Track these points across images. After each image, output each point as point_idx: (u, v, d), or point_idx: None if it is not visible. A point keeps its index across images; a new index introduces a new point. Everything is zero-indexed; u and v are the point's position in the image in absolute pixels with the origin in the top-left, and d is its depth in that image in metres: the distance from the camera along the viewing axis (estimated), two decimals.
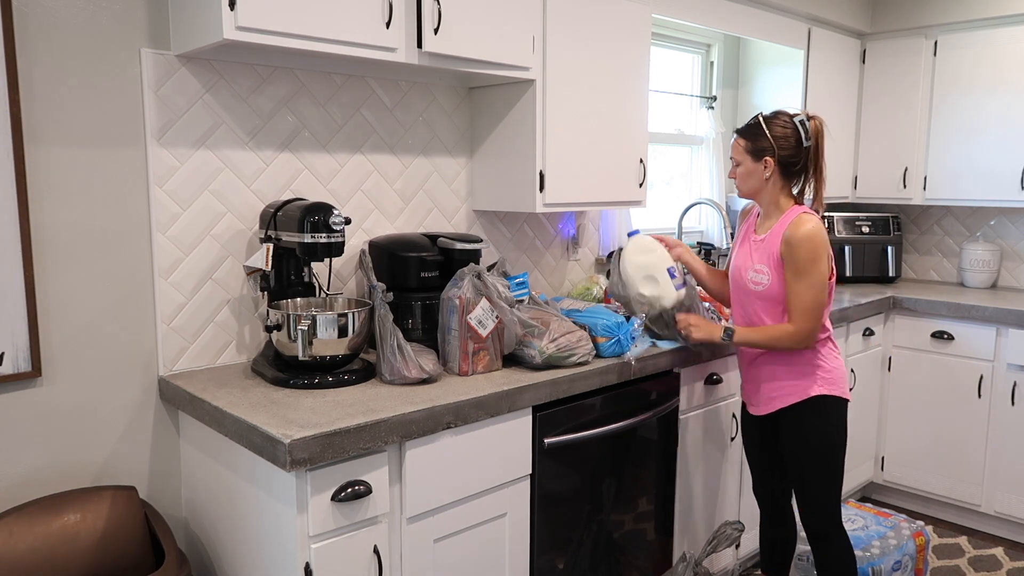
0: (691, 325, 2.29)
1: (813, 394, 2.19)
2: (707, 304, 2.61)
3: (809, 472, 2.23)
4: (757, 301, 2.22)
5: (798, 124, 2.15)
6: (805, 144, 2.15)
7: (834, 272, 2.19)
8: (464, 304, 2.02)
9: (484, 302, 2.04)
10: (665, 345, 2.41)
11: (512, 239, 2.86)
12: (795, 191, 2.22)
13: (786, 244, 2.12)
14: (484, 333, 2.04)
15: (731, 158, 2.26)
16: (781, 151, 2.15)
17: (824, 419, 2.20)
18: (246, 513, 1.79)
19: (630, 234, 2.47)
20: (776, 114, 2.19)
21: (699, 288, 2.52)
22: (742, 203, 3.75)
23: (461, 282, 2.04)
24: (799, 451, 2.23)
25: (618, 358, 2.25)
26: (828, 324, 2.24)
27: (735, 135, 2.25)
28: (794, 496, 2.33)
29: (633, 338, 2.29)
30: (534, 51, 2.37)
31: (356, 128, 2.37)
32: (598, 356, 2.25)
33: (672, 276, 2.32)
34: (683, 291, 2.35)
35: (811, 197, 2.22)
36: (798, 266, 2.10)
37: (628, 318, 2.33)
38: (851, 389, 3.43)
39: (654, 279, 2.29)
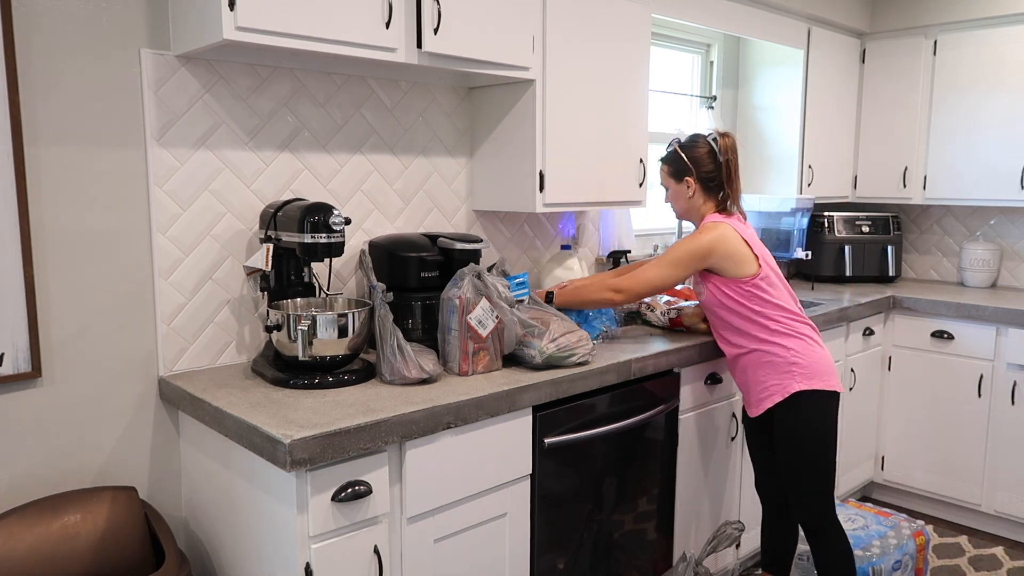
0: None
1: (794, 391, 2.23)
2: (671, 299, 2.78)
3: (798, 468, 2.27)
4: (708, 312, 2.37)
5: (710, 142, 2.33)
6: (719, 159, 2.31)
7: (762, 268, 2.26)
8: (464, 304, 2.02)
9: (484, 302, 2.04)
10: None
11: (512, 239, 2.86)
12: (722, 205, 2.36)
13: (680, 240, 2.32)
14: (484, 333, 2.04)
15: (662, 185, 2.45)
16: (699, 169, 2.33)
17: (807, 414, 2.23)
18: (246, 513, 1.79)
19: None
20: (691, 138, 2.37)
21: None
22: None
23: (461, 282, 2.04)
24: (787, 448, 2.27)
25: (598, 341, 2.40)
26: (797, 324, 2.28)
27: (660, 163, 2.43)
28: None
29: (594, 328, 2.42)
30: (534, 51, 2.37)
31: (356, 128, 2.37)
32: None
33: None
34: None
35: (722, 208, 2.36)
36: (669, 250, 2.30)
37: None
38: (851, 388, 3.43)
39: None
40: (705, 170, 2.33)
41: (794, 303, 2.33)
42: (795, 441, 2.25)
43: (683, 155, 2.34)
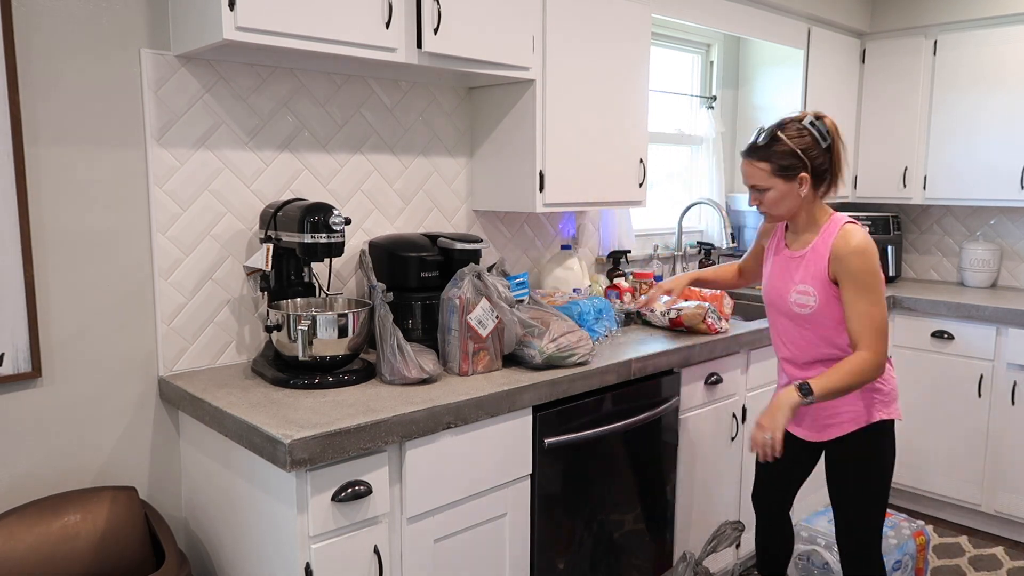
0: (762, 427, 1.90)
1: (874, 420, 2.02)
2: (707, 304, 2.61)
3: (858, 498, 2.07)
4: (805, 326, 2.04)
5: (810, 127, 1.96)
6: (824, 145, 1.96)
7: (883, 282, 2.00)
8: (464, 304, 2.02)
9: (484, 302, 2.04)
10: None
11: (512, 239, 2.86)
12: (822, 194, 2.04)
13: (838, 260, 1.93)
14: (484, 333, 2.04)
15: (751, 186, 2.02)
16: (812, 161, 1.95)
17: (881, 445, 2.04)
18: (246, 513, 1.79)
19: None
20: (786, 125, 1.98)
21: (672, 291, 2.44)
22: (742, 202, 3.76)
23: (461, 282, 2.04)
24: (851, 478, 2.07)
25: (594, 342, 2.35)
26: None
27: (748, 159, 2.01)
28: (832, 518, 2.18)
29: (595, 332, 2.37)
30: (534, 51, 2.37)
31: (356, 128, 2.37)
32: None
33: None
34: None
35: (826, 193, 2.05)
36: (858, 281, 1.90)
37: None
38: None
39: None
40: (818, 161, 1.95)
41: None
42: (864, 472, 2.05)
43: (793, 146, 1.94)
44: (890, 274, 3.94)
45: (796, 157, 1.94)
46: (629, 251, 3.21)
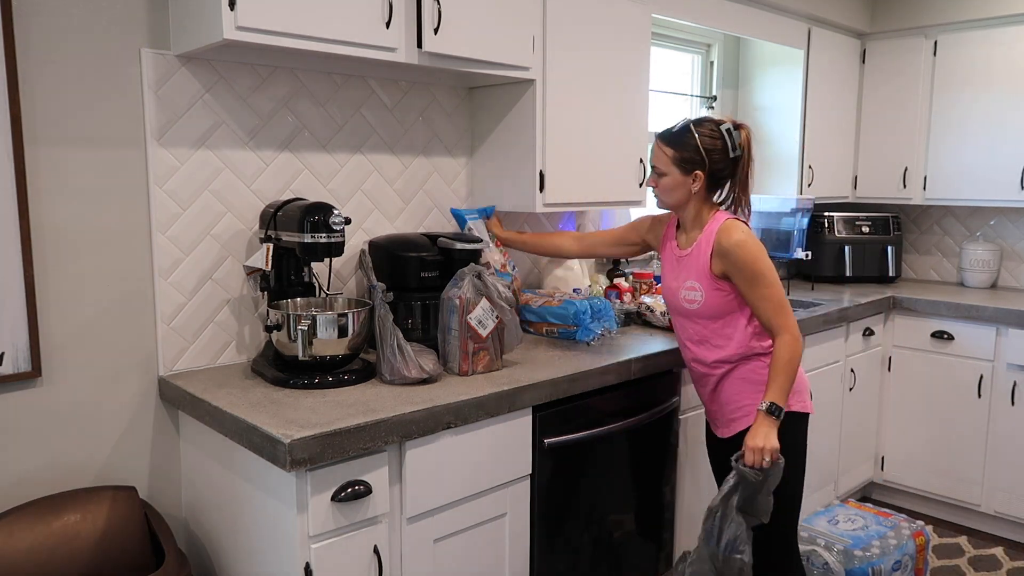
0: (754, 448, 1.95)
1: None
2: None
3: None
4: (698, 321, 2.10)
5: (725, 133, 2.02)
6: (732, 155, 2.03)
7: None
8: (464, 304, 2.02)
9: (484, 302, 2.04)
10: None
11: None
12: (717, 199, 2.11)
13: (720, 256, 2.00)
14: (484, 333, 2.04)
15: (653, 166, 2.09)
16: (712, 164, 2.02)
17: (786, 439, 1.99)
18: (246, 513, 1.79)
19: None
20: (703, 122, 2.05)
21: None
22: None
23: (461, 282, 2.04)
24: None
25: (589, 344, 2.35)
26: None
27: (658, 141, 2.07)
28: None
29: (591, 331, 2.36)
30: (534, 51, 2.37)
31: (356, 128, 2.37)
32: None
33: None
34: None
35: (731, 207, 2.11)
36: (746, 271, 1.98)
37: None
38: (851, 388, 3.43)
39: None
40: (718, 166, 2.03)
41: None
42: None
43: (697, 140, 2.01)
44: (890, 274, 3.94)
45: (698, 154, 2.02)
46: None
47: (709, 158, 2.02)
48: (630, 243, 2.42)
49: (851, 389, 3.43)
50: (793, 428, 2.06)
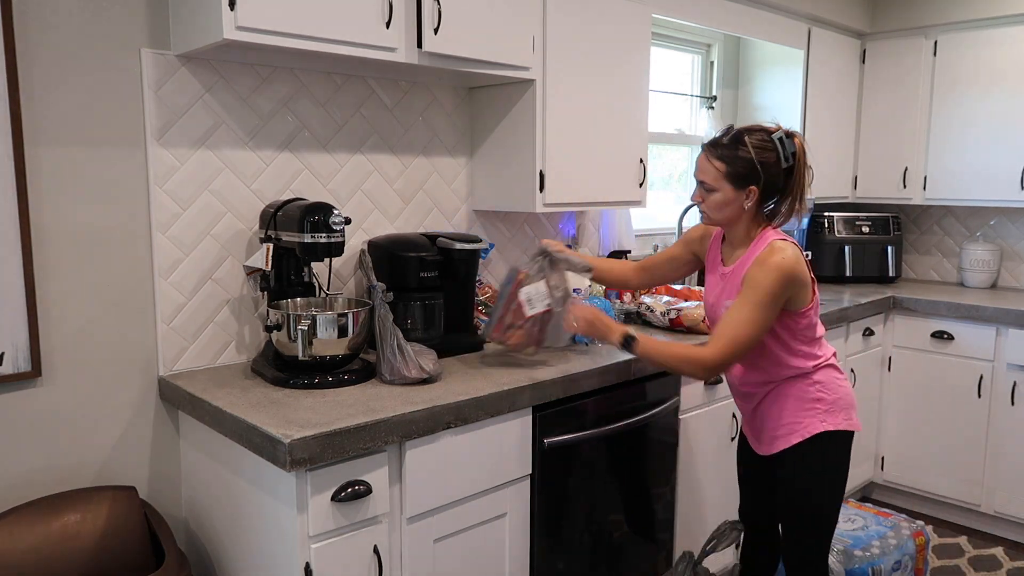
0: (581, 318, 2.01)
1: (815, 432, 1.96)
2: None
3: (803, 513, 2.03)
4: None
5: (778, 143, 1.86)
6: (784, 165, 1.87)
7: (816, 296, 1.96)
8: (523, 277, 2.02)
9: (541, 284, 2.02)
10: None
11: (512, 239, 2.86)
12: (765, 211, 1.96)
13: (754, 268, 1.86)
14: (528, 312, 2.01)
15: (699, 181, 1.93)
16: (767, 178, 1.86)
17: (825, 458, 1.98)
18: (246, 513, 1.79)
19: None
20: (755, 131, 1.89)
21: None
22: None
23: (534, 258, 2.08)
24: (794, 491, 2.02)
25: (586, 345, 2.37)
26: (826, 349, 2.02)
27: (705, 152, 1.91)
28: (781, 533, 2.15)
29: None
30: (534, 51, 2.37)
31: (356, 128, 2.37)
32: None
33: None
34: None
35: (783, 220, 1.97)
36: (747, 291, 1.84)
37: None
38: (853, 385, 3.42)
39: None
40: (773, 180, 1.87)
41: (823, 327, 2.05)
42: (806, 485, 2.00)
43: (751, 152, 1.85)
44: (890, 274, 3.94)
45: (753, 168, 1.86)
46: (629, 251, 3.20)
47: (764, 172, 1.86)
48: (685, 261, 2.25)
49: (853, 385, 3.43)
50: (837, 447, 1.99)
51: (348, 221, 2.00)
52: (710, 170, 1.90)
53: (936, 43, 3.71)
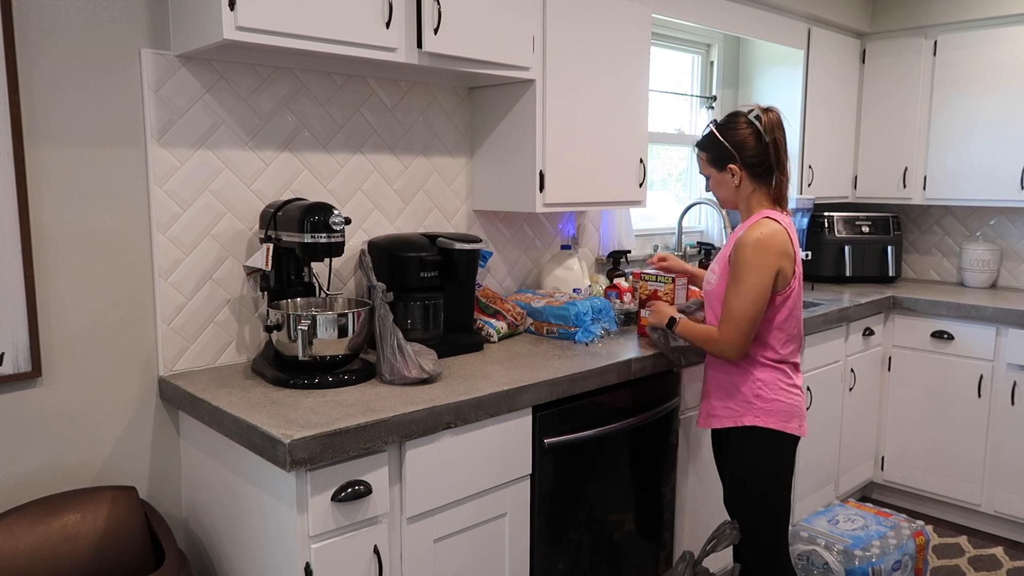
0: (652, 309, 2.29)
1: (746, 423, 2.06)
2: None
3: (743, 504, 2.11)
4: (709, 305, 2.15)
5: (753, 120, 2.01)
6: (767, 139, 2.01)
7: (793, 287, 2.03)
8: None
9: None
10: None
11: (512, 239, 2.86)
12: (776, 192, 2.08)
13: (735, 246, 2.00)
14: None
15: (701, 174, 2.18)
16: (745, 155, 2.02)
17: (755, 452, 2.06)
18: (246, 513, 1.79)
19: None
20: (729, 118, 2.07)
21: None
22: None
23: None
24: (730, 479, 2.14)
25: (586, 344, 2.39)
26: (777, 348, 2.06)
27: (696, 147, 2.16)
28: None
29: (591, 332, 2.41)
30: (534, 51, 2.37)
31: (356, 128, 2.37)
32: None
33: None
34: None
35: (776, 194, 2.08)
36: (735, 270, 1.98)
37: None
38: (851, 388, 3.43)
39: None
40: (750, 154, 2.02)
41: (799, 325, 2.11)
42: (737, 475, 2.11)
43: (722, 139, 2.04)
44: (890, 274, 3.94)
45: (725, 148, 2.05)
46: (629, 251, 3.21)
47: (739, 150, 2.03)
48: None
49: (851, 389, 3.43)
50: (759, 442, 2.06)
51: (348, 221, 2.00)
52: (700, 162, 2.15)
53: (936, 43, 3.71)
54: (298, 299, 2.08)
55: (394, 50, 2.02)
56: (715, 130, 2.07)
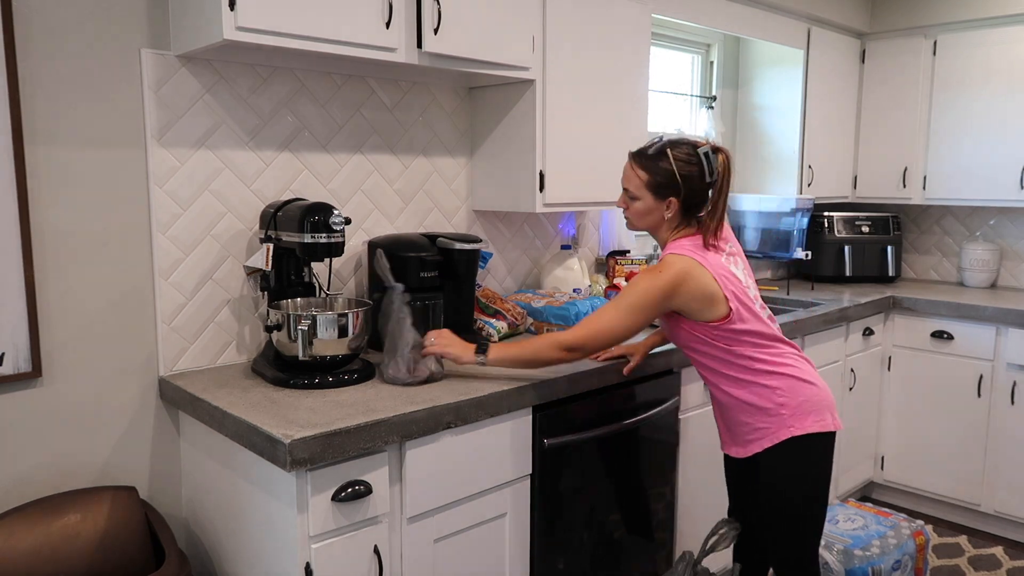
0: (435, 343, 1.96)
1: (784, 437, 1.93)
2: None
3: (784, 517, 2.00)
4: (685, 351, 2.03)
5: (703, 157, 1.88)
6: (708, 180, 1.89)
7: (733, 309, 1.86)
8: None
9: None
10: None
11: (512, 239, 2.86)
12: (700, 231, 1.94)
13: (640, 272, 1.95)
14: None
15: (624, 188, 1.96)
16: (688, 190, 1.88)
17: (799, 462, 1.95)
18: (247, 513, 1.79)
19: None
20: (681, 144, 1.91)
21: None
22: (743, 202, 3.76)
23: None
24: (773, 496, 2.00)
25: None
26: (783, 356, 1.96)
27: (632, 162, 1.94)
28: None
29: None
30: (534, 51, 2.37)
31: (356, 128, 2.37)
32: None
33: None
34: None
35: (704, 235, 1.92)
36: (622, 292, 1.91)
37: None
38: (851, 388, 3.43)
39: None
40: (693, 192, 1.90)
41: (772, 326, 1.97)
42: (781, 489, 1.97)
43: (672, 164, 1.88)
44: (890, 274, 3.94)
45: (674, 179, 1.89)
46: (629, 251, 3.20)
47: (685, 184, 1.89)
48: None
49: (851, 389, 3.44)
50: (802, 453, 1.95)
51: (348, 221, 2.00)
52: (634, 178, 1.94)
53: (936, 43, 3.71)
54: (298, 299, 2.08)
55: (394, 50, 2.02)
56: (669, 152, 1.89)
